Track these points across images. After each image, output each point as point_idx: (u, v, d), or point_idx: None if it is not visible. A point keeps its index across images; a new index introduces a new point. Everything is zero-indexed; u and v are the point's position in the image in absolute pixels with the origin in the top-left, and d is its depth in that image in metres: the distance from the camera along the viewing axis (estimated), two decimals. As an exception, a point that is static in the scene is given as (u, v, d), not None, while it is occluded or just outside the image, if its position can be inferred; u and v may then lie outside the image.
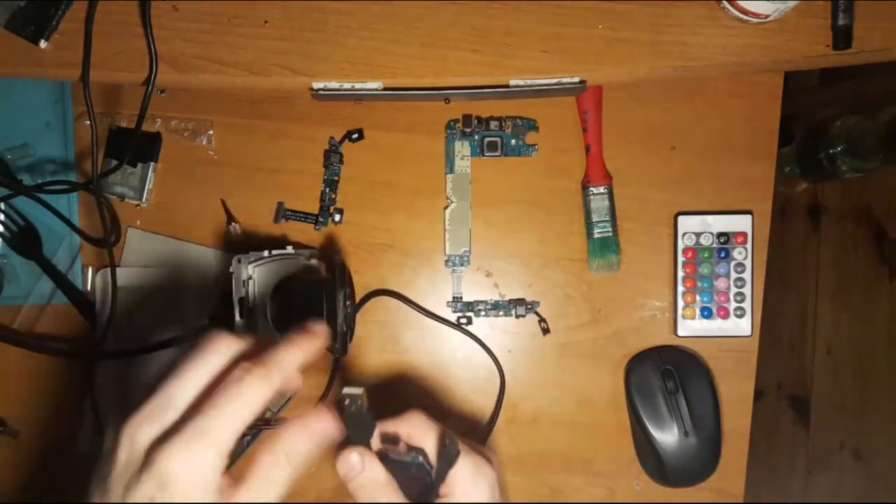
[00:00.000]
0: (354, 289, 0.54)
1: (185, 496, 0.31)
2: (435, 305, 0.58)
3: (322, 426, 0.36)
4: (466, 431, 0.58)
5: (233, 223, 0.58)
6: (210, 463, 0.32)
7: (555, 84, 0.49)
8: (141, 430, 0.32)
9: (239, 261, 0.51)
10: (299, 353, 0.36)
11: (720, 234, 0.57)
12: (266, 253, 0.52)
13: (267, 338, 0.40)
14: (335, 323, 0.48)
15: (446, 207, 0.58)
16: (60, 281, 0.57)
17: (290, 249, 0.52)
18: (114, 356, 0.56)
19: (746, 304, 0.57)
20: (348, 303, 0.50)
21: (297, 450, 0.35)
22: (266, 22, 0.48)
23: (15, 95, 0.58)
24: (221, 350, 0.34)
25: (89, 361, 0.57)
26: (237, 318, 0.50)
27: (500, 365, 0.58)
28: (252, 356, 0.35)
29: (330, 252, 0.58)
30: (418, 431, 0.39)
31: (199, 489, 0.32)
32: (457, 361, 0.59)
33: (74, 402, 0.58)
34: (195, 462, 0.32)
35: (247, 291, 0.51)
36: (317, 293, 0.48)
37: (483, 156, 0.58)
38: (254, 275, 0.51)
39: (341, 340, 0.49)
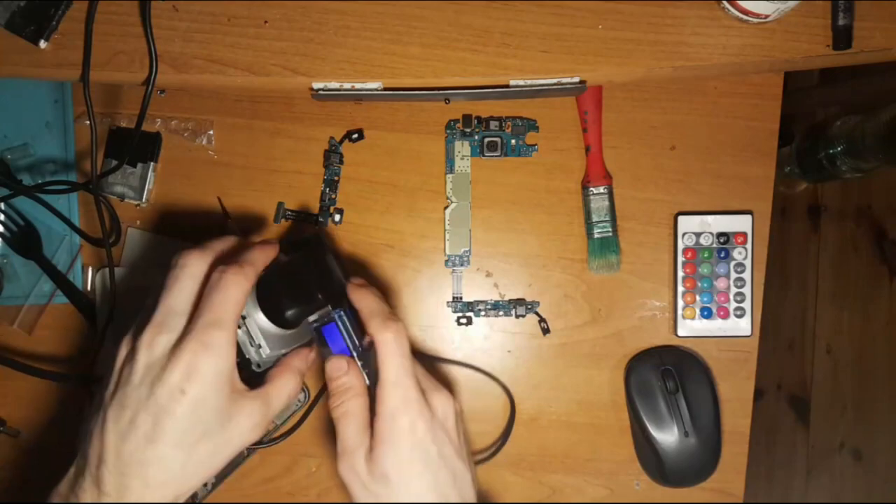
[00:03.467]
0: (340, 253, 0.53)
1: (209, 379, 0.37)
2: (435, 305, 0.58)
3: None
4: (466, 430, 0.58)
5: (230, 220, 0.58)
6: (225, 346, 0.38)
7: (555, 84, 0.49)
8: (156, 338, 0.38)
9: None
10: (264, 255, 0.43)
11: (720, 234, 0.57)
12: None
13: (234, 240, 0.45)
14: (333, 284, 0.47)
15: (446, 207, 0.58)
16: (60, 281, 0.57)
17: None
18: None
19: (746, 304, 0.57)
20: (340, 263, 0.49)
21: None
22: (266, 22, 0.48)
23: (15, 95, 0.58)
24: (197, 262, 0.41)
25: (89, 361, 0.57)
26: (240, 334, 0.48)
27: (509, 392, 0.58)
28: (226, 259, 0.41)
29: (302, 235, 0.57)
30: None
31: (221, 374, 0.38)
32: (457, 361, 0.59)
33: (74, 402, 0.58)
34: (213, 349, 0.38)
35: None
36: (299, 271, 0.46)
37: (483, 156, 0.58)
38: None
39: (345, 297, 0.48)
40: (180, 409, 0.37)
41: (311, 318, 0.46)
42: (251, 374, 0.47)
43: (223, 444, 0.39)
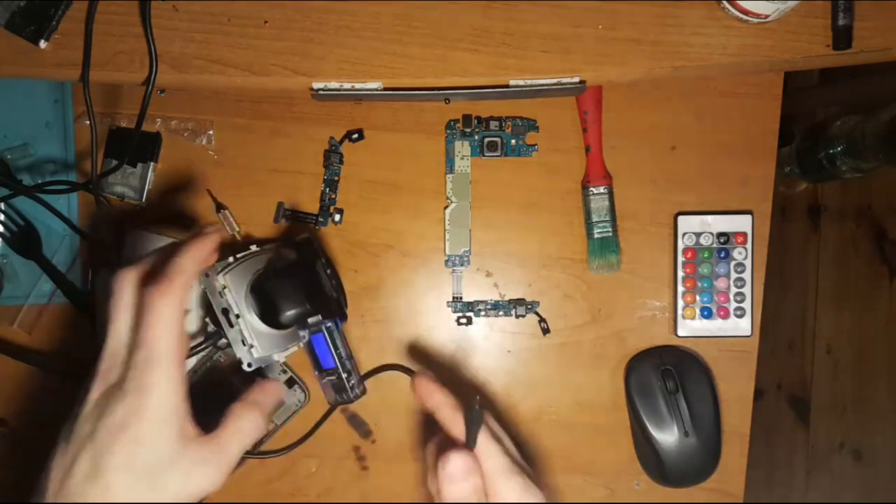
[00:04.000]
0: (330, 257, 0.53)
1: (152, 418, 0.35)
2: (435, 305, 0.58)
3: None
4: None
5: (223, 210, 0.57)
6: (165, 383, 0.36)
7: (555, 84, 0.49)
8: (106, 377, 0.37)
9: (207, 275, 0.48)
10: (195, 256, 0.40)
11: (720, 234, 0.57)
12: (231, 258, 0.49)
13: (166, 244, 0.44)
14: (324, 293, 0.48)
15: (446, 207, 0.58)
16: (60, 281, 0.57)
17: (254, 248, 0.51)
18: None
19: (746, 304, 0.57)
20: (329, 271, 0.50)
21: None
22: (266, 22, 0.48)
23: (15, 95, 0.58)
24: (126, 286, 0.38)
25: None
26: (226, 327, 0.48)
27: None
28: (156, 272, 0.39)
29: (295, 238, 0.57)
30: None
31: (166, 413, 0.36)
32: (457, 363, 0.59)
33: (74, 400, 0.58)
34: (152, 390, 0.36)
35: (226, 300, 0.48)
36: (293, 274, 0.47)
37: (483, 156, 0.58)
38: (227, 283, 0.48)
39: (335, 306, 0.50)
40: (118, 447, 0.35)
41: (301, 330, 0.46)
42: (246, 376, 0.47)
43: (170, 491, 0.36)
